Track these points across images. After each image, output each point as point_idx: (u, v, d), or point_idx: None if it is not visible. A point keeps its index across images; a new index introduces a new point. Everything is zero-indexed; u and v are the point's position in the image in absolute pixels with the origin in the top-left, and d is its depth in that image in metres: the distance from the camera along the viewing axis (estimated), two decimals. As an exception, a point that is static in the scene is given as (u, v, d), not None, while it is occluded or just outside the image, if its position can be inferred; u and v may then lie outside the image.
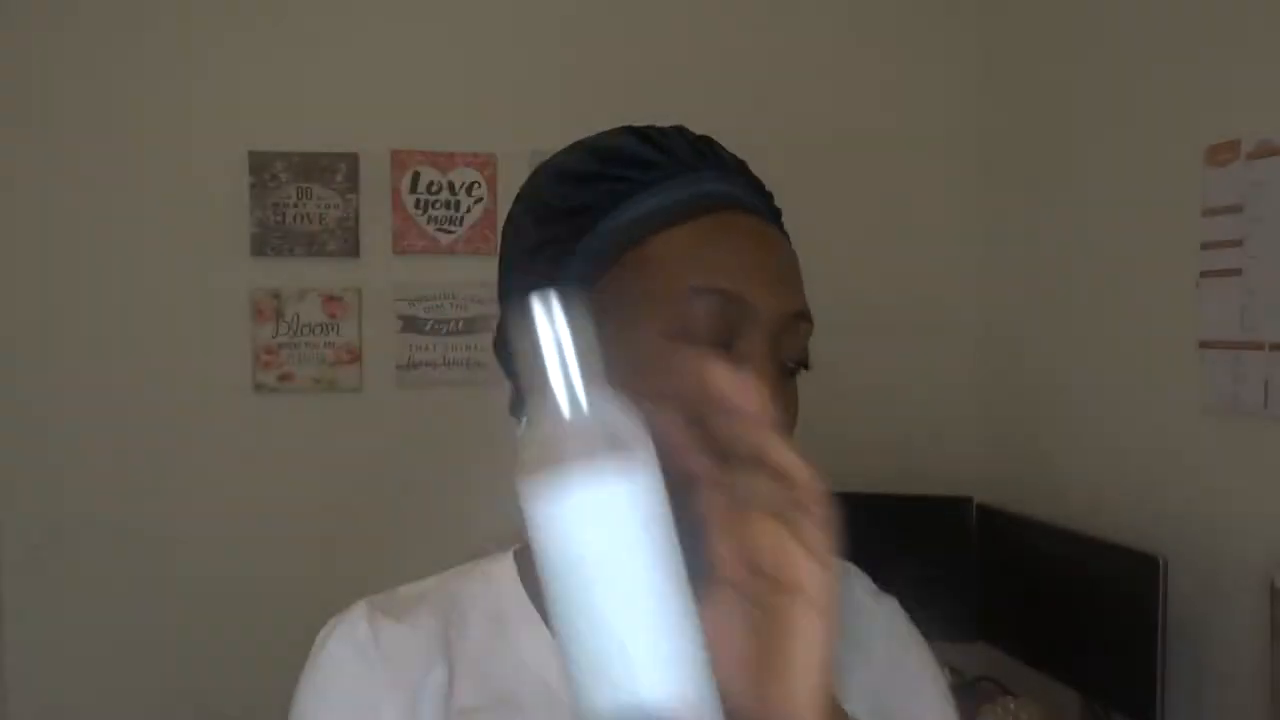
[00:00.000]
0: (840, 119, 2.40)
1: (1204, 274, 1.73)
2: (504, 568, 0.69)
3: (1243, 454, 1.66)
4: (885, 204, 2.42)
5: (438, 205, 2.20)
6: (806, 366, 0.63)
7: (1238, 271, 1.65)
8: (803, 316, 0.61)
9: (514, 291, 0.64)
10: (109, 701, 2.06)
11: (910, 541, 2.18)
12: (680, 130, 0.65)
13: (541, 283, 0.52)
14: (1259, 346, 1.61)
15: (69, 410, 2.06)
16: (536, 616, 0.65)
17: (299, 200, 2.14)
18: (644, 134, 0.64)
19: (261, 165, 2.12)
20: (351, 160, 2.16)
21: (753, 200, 0.64)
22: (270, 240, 2.13)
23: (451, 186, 2.20)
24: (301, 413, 2.16)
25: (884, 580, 0.71)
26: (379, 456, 2.18)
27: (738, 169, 0.66)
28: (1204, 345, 1.73)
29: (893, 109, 2.42)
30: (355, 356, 2.17)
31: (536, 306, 0.45)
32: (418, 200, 2.19)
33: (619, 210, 0.61)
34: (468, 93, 2.22)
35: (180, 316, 2.10)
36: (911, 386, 2.42)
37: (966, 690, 2.24)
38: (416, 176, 2.19)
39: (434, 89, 2.21)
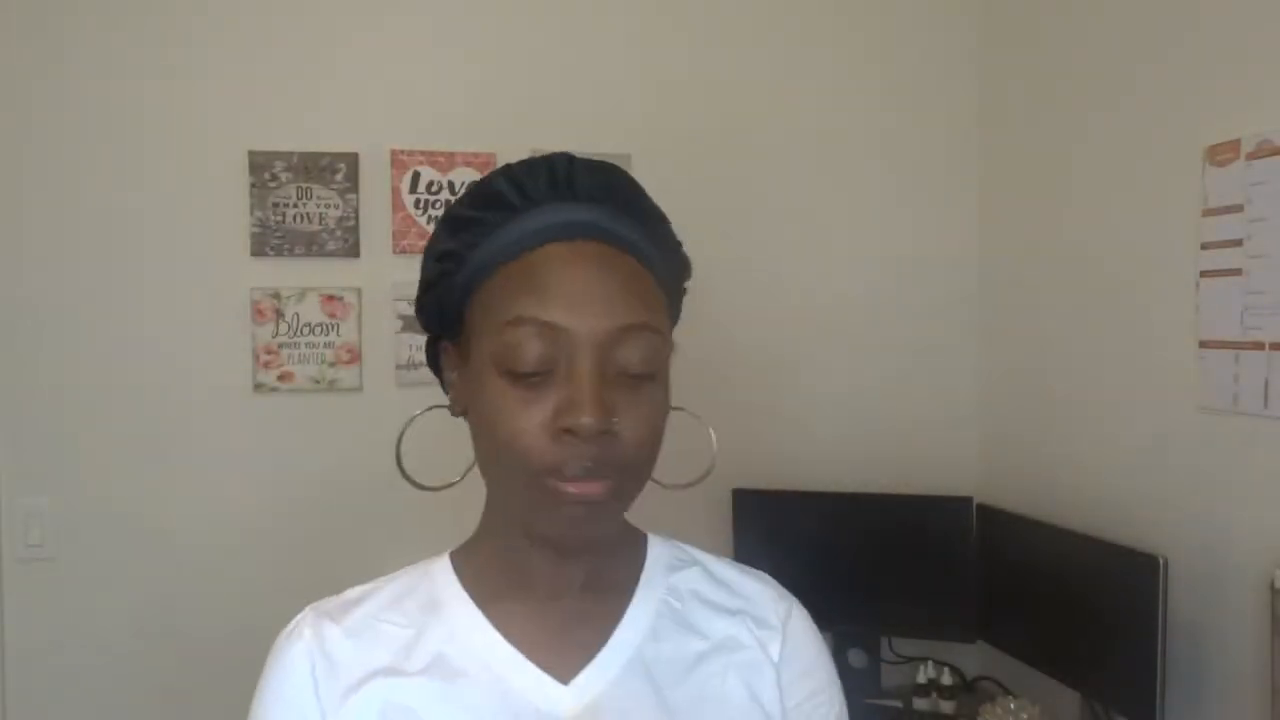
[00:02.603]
0: (840, 119, 2.40)
1: (1204, 274, 1.73)
2: (440, 564, 0.78)
3: (1243, 454, 1.66)
4: (885, 203, 2.42)
5: (438, 205, 2.20)
6: (654, 374, 0.68)
7: (1238, 271, 1.65)
8: (633, 329, 0.66)
9: (424, 310, 0.77)
10: (109, 700, 2.06)
11: (910, 541, 2.18)
12: (549, 162, 0.71)
13: (431, 308, 0.74)
14: (1259, 346, 1.61)
15: (69, 409, 2.06)
16: (468, 599, 0.75)
17: (299, 200, 2.14)
18: (509, 172, 0.71)
19: (261, 165, 2.12)
20: (351, 160, 2.16)
21: (608, 225, 0.70)
22: (270, 240, 2.13)
23: (451, 186, 2.20)
24: (301, 413, 2.16)
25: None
26: (379, 456, 2.18)
27: (598, 196, 0.70)
28: (1204, 345, 1.73)
29: (891, 108, 2.42)
30: (355, 356, 2.18)
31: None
32: (418, 200, 2.19)
33: (477, 250, 0.70)
34: (468, 93, 2.22)
35: (180, 316, 2.10)
36: (911, 386, 2.42)
37: (966, 690, 2.25)
38: (416, 176, 2.19)
39: (434, 89, 2.21)
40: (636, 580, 0.77)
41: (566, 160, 0.71)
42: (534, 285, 0.66)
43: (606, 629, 0.74)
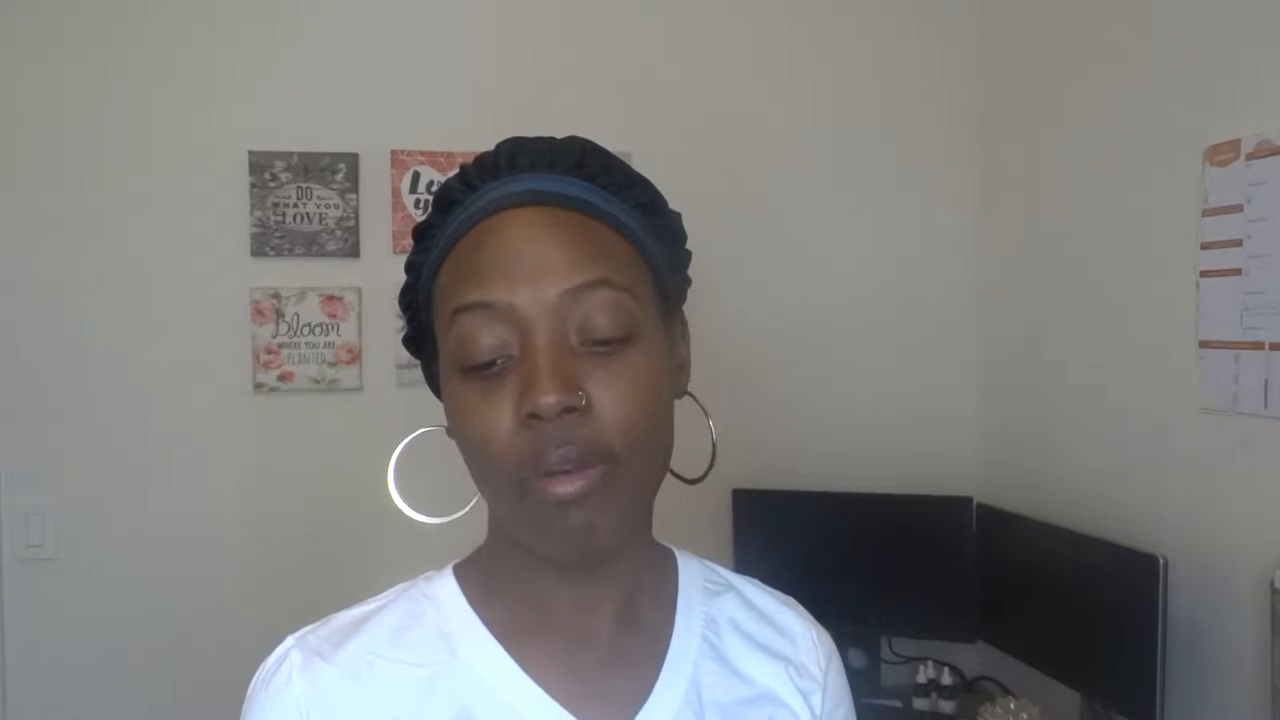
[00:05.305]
0: (840, 118, 2.40)
1: (1204, 274, 1.73)
2: (445, 586, 0.68)
3: (1243, 454, 1.66)
4: (885, 204, 2.42)
5: (438, 205, 2.20)
6: (631, 336, 0.59)
7: (1238, 271, 1.65)
8: (588, 288, 0.58)
9: (408, 339, 0.72)
10: (109, 700, 2.06)
11: (910, 541, 2.18)
12: (498, 147, 0.64)
13: (411, 330, 0.70)
14: (1259, 346, 1.61)
15: (69, 410, 2.06)
16: (487, 634, 0.65)
17: (299, 200, 2.14)
18: (463, 168, 0.65)
19: (261, 165, 2.12)
20: (351, 160, 2.16)
21: (549, 188, 0.61)
22: (270, 240, 2.13)
23: (451, 186, 2.20)
24: (301, 413, 2.16)
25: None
26: (379, 457, 2.18)
27: (541, 164, 0.62)
28: (1204, 345, 1.73)
29: (891, 107, 2.42)
30: (355, 356, 2.18)
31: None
32: (418, 200, 2.19)
33: (430, 254, 0.65)
34: (467, 93, 2.22)
35: (180, 316, 2.10)
36: (911, 386, 2.42)
37: (966, 690, 2.25)
38: (416, 176, 2.19)
39: (434, 89, 2.21)
40: (673, 611, 0.70)
41: (515, 140, 0.64)
42: (471, 268, 0.60)
43: (648, 674, 0.66)
